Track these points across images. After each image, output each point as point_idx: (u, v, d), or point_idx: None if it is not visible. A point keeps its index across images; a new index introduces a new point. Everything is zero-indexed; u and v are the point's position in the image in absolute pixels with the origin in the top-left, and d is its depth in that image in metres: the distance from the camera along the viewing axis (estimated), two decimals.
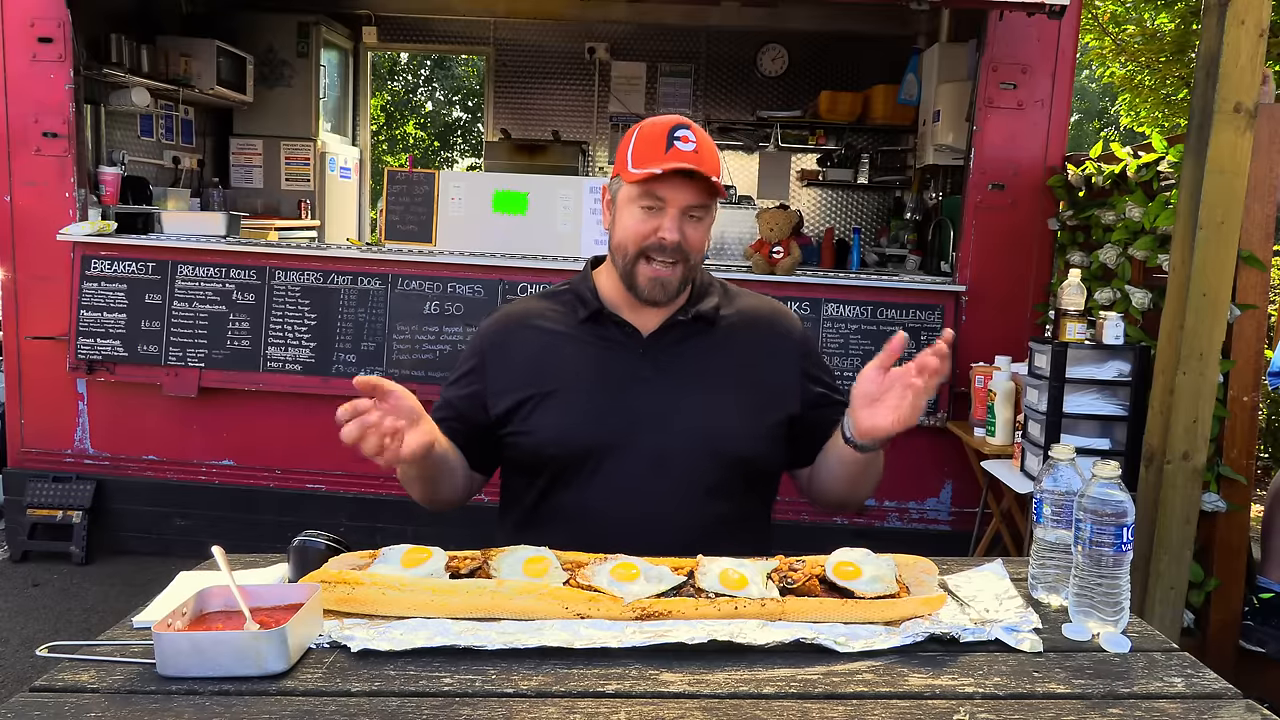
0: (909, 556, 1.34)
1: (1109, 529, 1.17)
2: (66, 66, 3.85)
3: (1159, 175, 2.93)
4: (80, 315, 3.90)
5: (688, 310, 1.61)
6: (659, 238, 1.52)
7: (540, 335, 1.62)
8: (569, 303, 1.65)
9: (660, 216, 1.52)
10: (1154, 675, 1.10)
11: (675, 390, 1.56)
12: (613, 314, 1.61)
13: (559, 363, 1.59)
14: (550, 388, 1.57)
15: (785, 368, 1.65)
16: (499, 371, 1.61)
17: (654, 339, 1.60)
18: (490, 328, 1.67)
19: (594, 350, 1.59)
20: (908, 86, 5.28)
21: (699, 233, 1.55)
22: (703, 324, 1.62)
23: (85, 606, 3.55)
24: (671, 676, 1.07)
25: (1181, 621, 2.52)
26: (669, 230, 1.52)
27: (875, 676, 1.07)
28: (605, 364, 1.58)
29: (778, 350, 1.66)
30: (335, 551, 1.33)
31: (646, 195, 1.52)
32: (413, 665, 1.09)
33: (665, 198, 1.52)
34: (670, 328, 1.60)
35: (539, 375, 1.58)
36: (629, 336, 1.60)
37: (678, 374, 1.58)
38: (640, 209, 1.54)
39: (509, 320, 1.66)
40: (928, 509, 3.98)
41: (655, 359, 1.58)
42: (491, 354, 1.63)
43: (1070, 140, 3.95)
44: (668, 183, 1.51)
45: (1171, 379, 2.44)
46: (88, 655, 1.10)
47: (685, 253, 1.54)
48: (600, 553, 1.30)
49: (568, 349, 1.60)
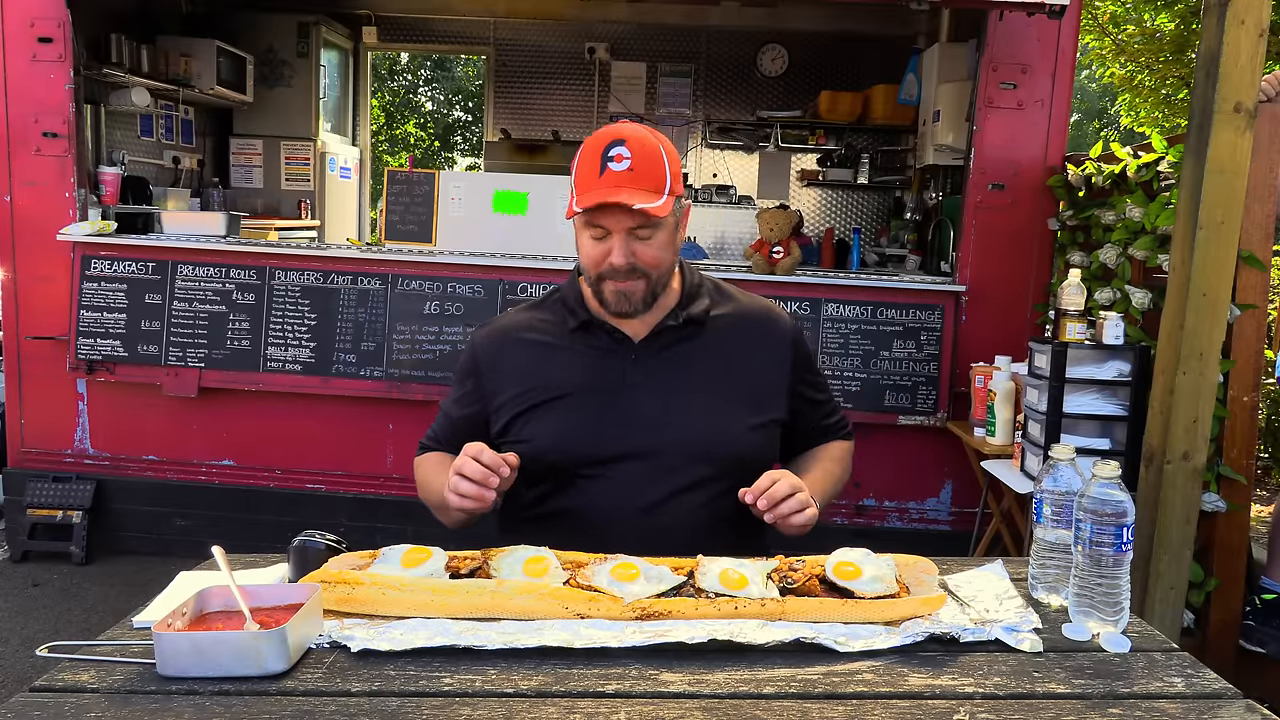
0: (909, 556, 1.34)
1: (1109, 529, 1.17)
2: (66, 66, 3.85)
3: (1159, 175, 2.93)
4: (80, 315, 3.90)
5: (678, 314, 1.62)
6: (609, 263, 1.52)
7: (532, 347, 1.63)
8: (559, 312, 1.66)
9: (609, 241, 1.53)
10: (1154, 675, 1.10)
11: (669, 394, 1.57)
12: (602, 322, 1.61)
13: (553, 372, 1.60)
14: (545, 397, 1.58)
15: (777, 369, 1.66)
16: (496, 388, 1.62)
17: (645, 344, 1.61)
18: (482, 344, 1.68)
19: (586, 358, 1.61)
20: (908, 86, 5.28)
21: (651, 249, 1.53)
22: (693, 327, 1.62)
23: (85, 606, 3.55)
24: (671, 676, 1.07)
25: (1181, 621, 2.52)
26: (616, 256, 1.52)
27: (875, 676, 1.07)
28: (598, 371, 1.59)
29: (769, 349, 1.67)
30: (335, 551, 1.33)
31: (589, 224, 1.54)
32: (413, 665, 1.09)
33: (606, 224, 1.52)
34: (660, 333, 1.61)
35: (534, 386, 1.59)
36: (620, 343, 1.61)
37: (670, 378, 1.59)
38: (589, 237, 1.55)
39: (501, 335, 1.67)
40: (928, 509, 3.98)
41: (647, 364, 1.59)
42: (487, 372, 1.64)
43: (1070, 140, 3.95)
44: (604, 210, 1.50)
45: (1171, 379, 2.43)
46: (88, 655, 1.10)
47: (642, 270, 1.53)
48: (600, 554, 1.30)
49: (560, 358, 1.61)
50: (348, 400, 3.92)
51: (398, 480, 3.98)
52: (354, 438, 4.00)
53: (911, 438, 3.87)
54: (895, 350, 3.80)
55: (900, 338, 3.80)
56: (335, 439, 4.01)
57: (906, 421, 3.80)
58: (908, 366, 3.80)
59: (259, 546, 1.54)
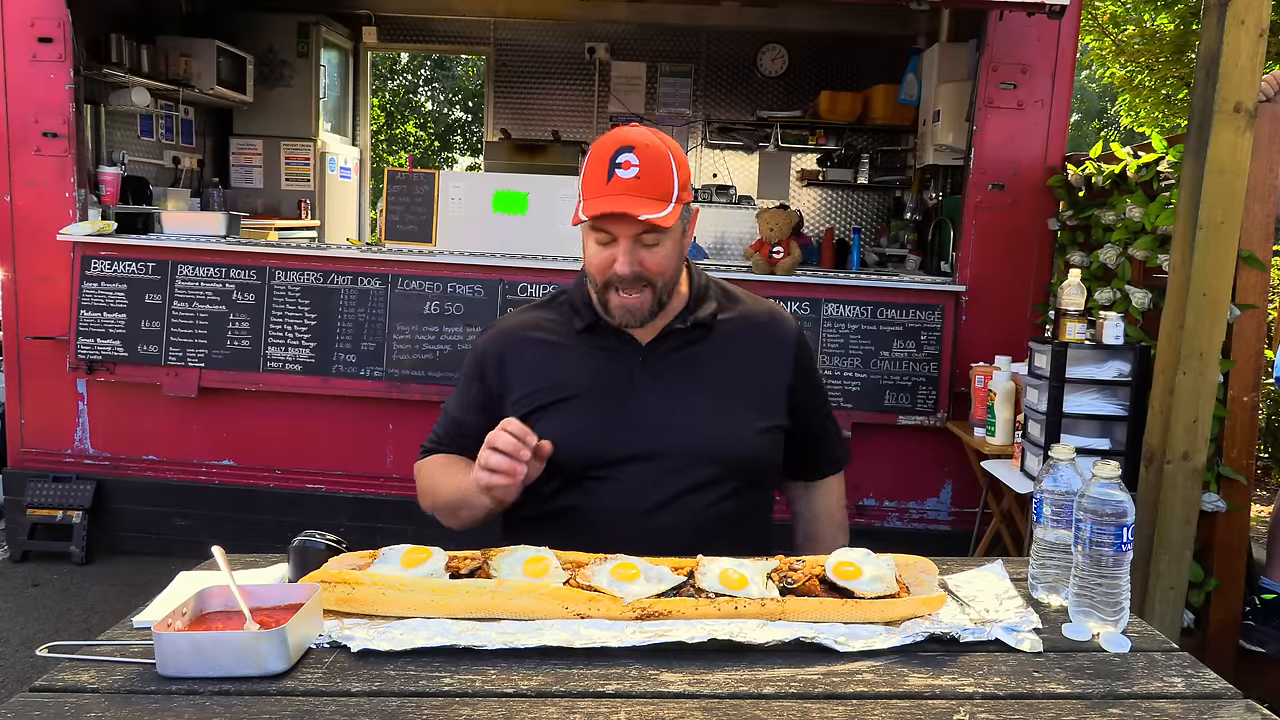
0: (909, 556, 1.34)
1: (1109, 529, 1.17)
2: (66, 66, 3.85)
3: (1159, 175, 2.93)
4: (80, 315, 3.90)
5: (685, 318, 1.61)
6: (615, 271, 1.52)
7: (538, 347, 1.63)
8: (565, 312, 1.66)
9: (614, 248, 1.52)
10: (1154, 675, 1.10)
11: (675, 397, 1.57)
12: (609, 324, 1.61)
13: (559, 373, 1.60)
14: (552, 399, 1.58)
15: (779, 368, 1.66)
16: (503, 390, 1.62)
17: (652, 347, 1.61)
18: (487, 347, 1.67)
19: (593, 360, 1.60)
20: (908, 86, 5.28)
21: (657, 256, 1.53)
22: (700, 330, 1.62)
23: (85, 606, 3.55)
24: (671, 676, 1.07)
25: (1181, 621, 2.52)
26: (622, 264, 1.51)
27: (875, 676, 1.07)
28: (605, 373, 1.59)
29: (773, 352, 1.67)
30: (335, 551, 1.33)
31: (596, 230, 1.53)
32: (413, 665, 1.09)
33: (613, 231, 1.51)
34: (667, 336, 1.61)
35: (540, 387, 1.59)
36: (627, 345, 1.61)
37: (677, 381, 1.59)
38: (595, 242, 1.55)
39: (506, 336, 1.67)
40: (928, 509, 3.98)
41: (654, 367, 1.59)
42: (493, 374, 1.64)
43: (1070, 140, 3.95)
44: (610, 218, 1.50)
45: (1171, 379, 2.43)
46: (88, 655, 1.10)
47: (647, 279, 1.53)
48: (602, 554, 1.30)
49: (567, 359, 1.61)
50: (348, 400, 3.92)
51: (397, 480, 3.98)
52: (354, 438, 4.00)
53: (911, 438, 3.87)
54: (895, 350, 3.80)
55: (900, 338, 3.80)
56: (335, 439, 4.01)
57: (906, 421, 3.80)
58: (908, 366, 3.80)
59: (259, 546, 1.54)
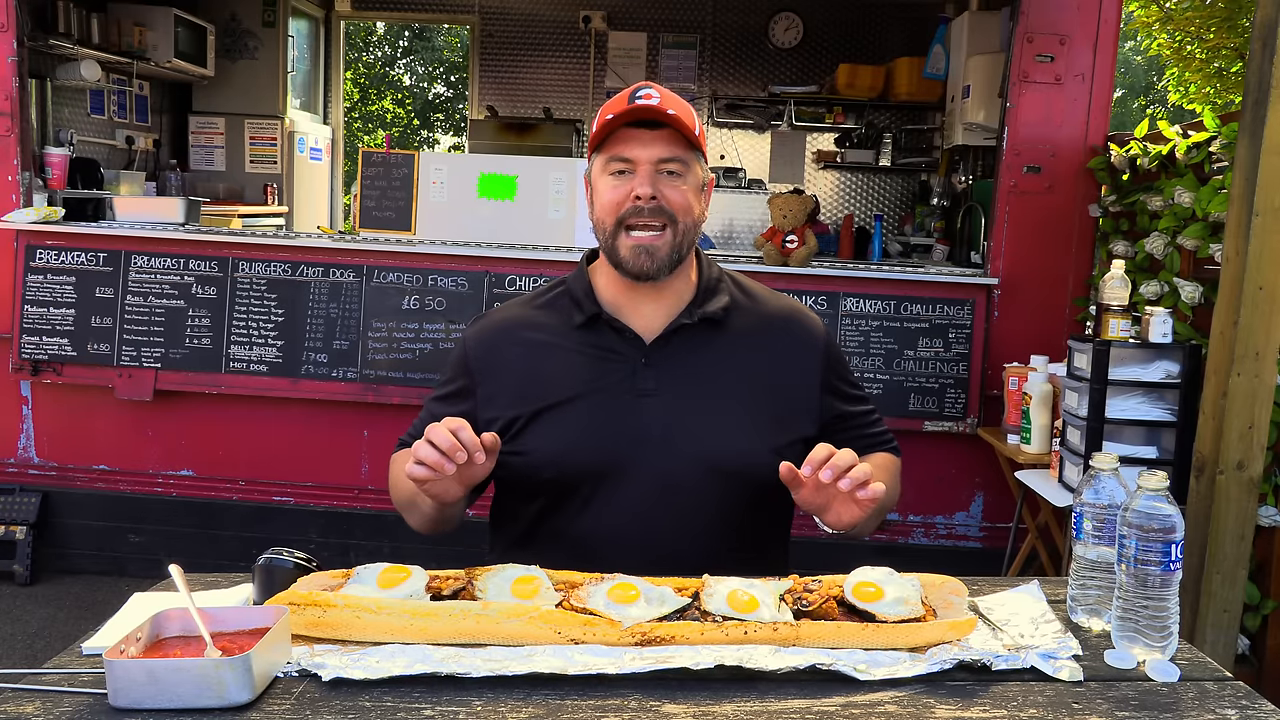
0: (936, 576, 1.34)
1: (1156, 546, 1.18)
2: (9, 37, 3.85)
3: (1211, 156, 2.93)
4: (24, 311, 3.90)
5: (693, 312, 1.59)
6: (634, 196, 1.52)
7: (531, 347, 1.61)
8: (563, 307, 1.64)
9: (631, 180, 1.53)
10: (1205, 707, 1.10)
11: (680, 405, 1.55)
12: (612, 318, 1.59)
13: (553, 376, 1.57)
14: (544, 404, 1.55)
15: (804, 380, 1.63)
16: (488, 391, 1.60)
17: (657, 346, 1.58)
18: (474, 340, 1.66)
19: (591, 360, 1.58)
20: (934, 59, 5.29)
21: (679, 192, 1.54)
22: (711, 327, 1.60)
23: (30, 631, 3.55)
24: (675, 708, 1.07)
25: (1235, 648, 2.52)
26: (642, 183, 1.52)
27: (899, 708, 1.07)
28: (604, 376, 1.57)
29: (796, 359, 1.63)
30: (304, 570, 1.33)
31: (614, 160, 1.54)
32: (390, 695, 1.09)
33: (633, 157, 1.53)
34: (675, 332, 1.59)
35: (531, 391, 1.57)
36: (629, 343, 1.58)
37: (683, 387, 1.56)
38: (610, 176, 1.55)
39: (495, 332, 1.65)
40: (956, 524, 3.99)
41: (658, 369, 1.57)
42: (479, 373, 1.62)
43: (1114, 119, 3.96)
44: (634, 140, 1.52)
45: (1224, 381, 2.44)
46: (32, 685, 1.10)
47: (668, 212, 1.53)
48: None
49: (562, 360, 1.59)
50: (318, 404, 3.92)
51: (373, 492, 3.99)
52: (325, 445, 4.00)
53: (938, 446, 3.88)
54: (921, 349, 3.81)
55: (926, 336, 3.80)
56: (305, 447, 4.01)
57: (933, 428, 3.81)
58: (934, 367, 3.80)
59: (221, 565, 1.55)
